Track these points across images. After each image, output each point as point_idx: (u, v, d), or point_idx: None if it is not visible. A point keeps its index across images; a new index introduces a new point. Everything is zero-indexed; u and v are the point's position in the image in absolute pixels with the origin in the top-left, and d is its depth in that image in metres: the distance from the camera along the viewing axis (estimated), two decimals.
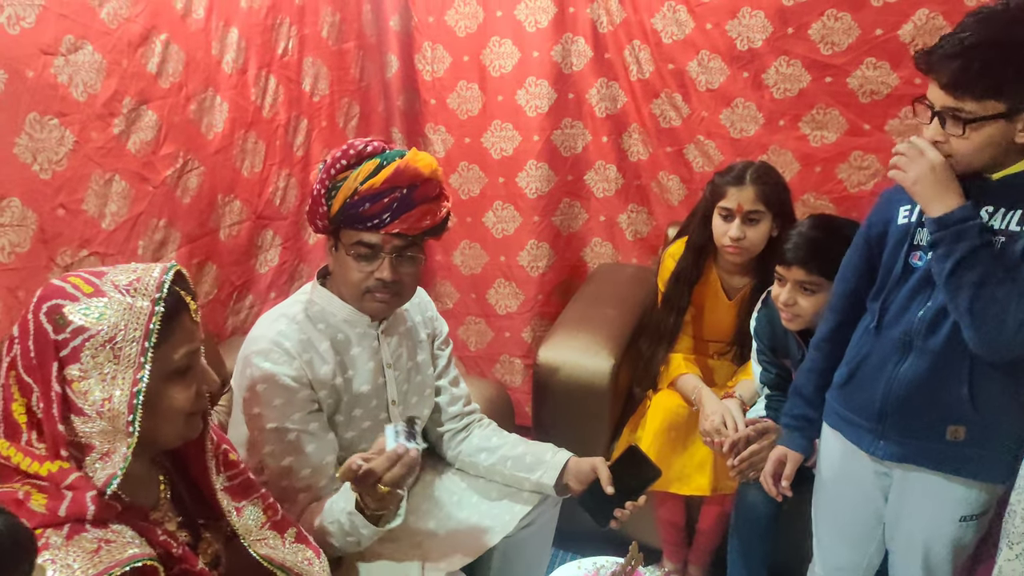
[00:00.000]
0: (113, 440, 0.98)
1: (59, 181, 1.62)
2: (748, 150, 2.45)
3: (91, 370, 0.96)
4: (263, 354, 1.49)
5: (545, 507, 1.73)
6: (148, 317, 0.98)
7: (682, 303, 2.08)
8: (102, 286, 0.99)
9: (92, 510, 0.95)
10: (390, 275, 1.48)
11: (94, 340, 0.96)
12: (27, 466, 0.95)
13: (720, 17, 2.36)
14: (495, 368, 2.98)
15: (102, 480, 0.97)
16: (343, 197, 1.44)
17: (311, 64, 2.41)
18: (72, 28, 1.61)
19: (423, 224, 1.47)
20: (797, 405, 1.64)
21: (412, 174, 1.43)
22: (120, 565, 0.93)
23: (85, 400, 0.97)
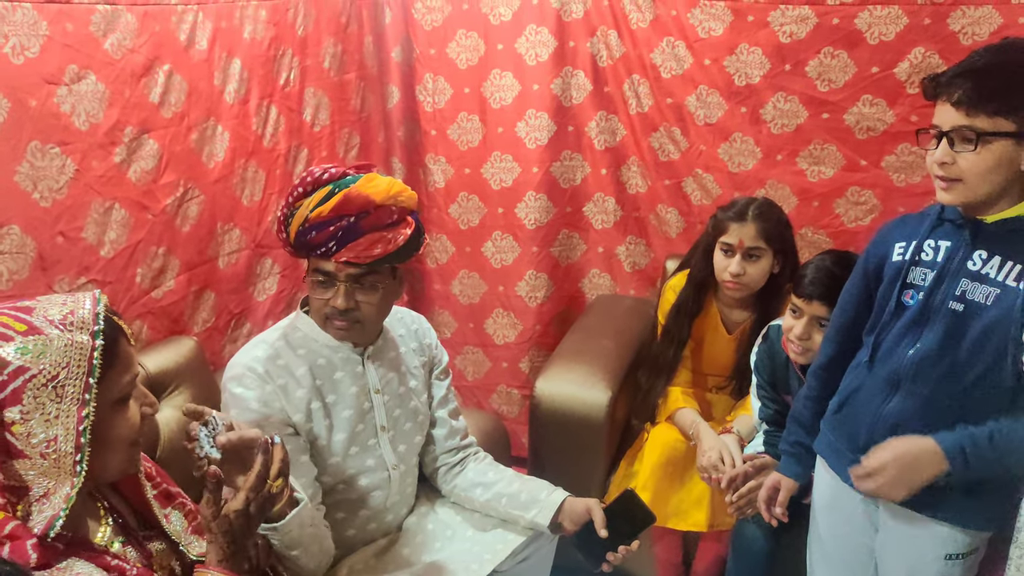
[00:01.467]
0: (56, 480, 0.94)
1: (59, 209, 1.62)
2: (746, 184, 2.47)
3: (33, 411, 0.92)
4: (237, 379, 1.50)
5: (541, 542, 1.71)
6: (90, 352, 0.95)
7: (682, 336, 2.08)
8: (35, 322, 0.95)
9: (34, 557, 0.90)
10: (343, 303, 1.47)
11: (35, 380, 0.92)
12: None
13: (718, 53, 2.38)
14: (492, 398, 2.97)
15: (43, 524, 0.92)
16: (296, 224, 1.43)
17: (312, 94, 2.43)
18: (76, 58, 1.62)
19: (373, 252, 1.43)
20: (794, 432, 1.63)
21: (362, 202, 1.41)
22: None
23: (27, 443, 0.92)
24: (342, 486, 1.58)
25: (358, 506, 1.61)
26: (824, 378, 1.58)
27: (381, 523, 1.66)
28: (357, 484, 1.59)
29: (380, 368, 1.63)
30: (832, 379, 1.55)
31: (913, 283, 1.39)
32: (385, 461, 1.62)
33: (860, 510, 1.50)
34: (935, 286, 1.35)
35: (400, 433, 1.66)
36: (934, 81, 1.30)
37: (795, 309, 1.73)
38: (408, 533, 1.70)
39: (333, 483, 1.57)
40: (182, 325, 2.01)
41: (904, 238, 1.42)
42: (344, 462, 1.57)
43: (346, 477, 1.57)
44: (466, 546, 1.66)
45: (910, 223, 1.45)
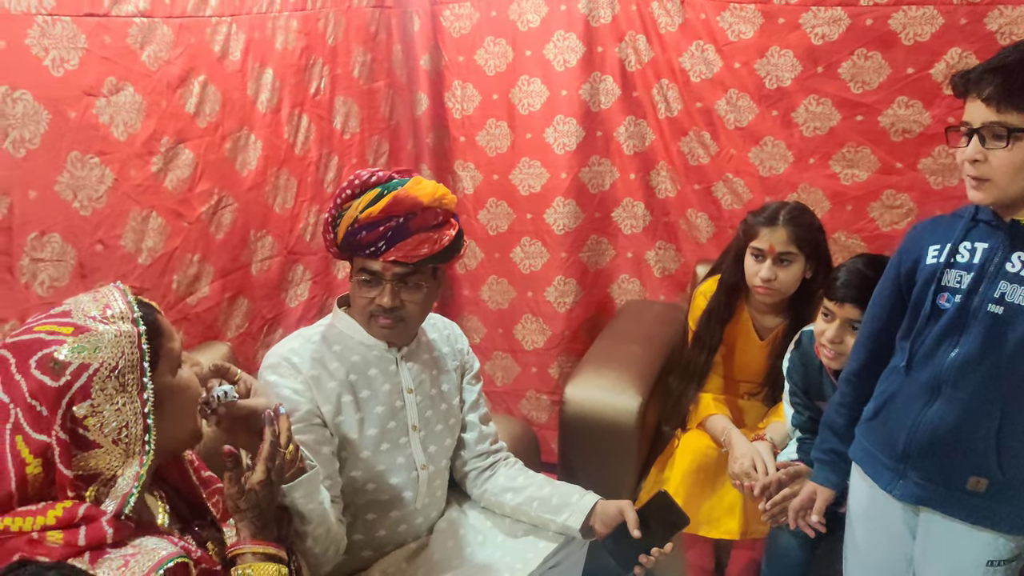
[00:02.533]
0: (123, 464, 0.99)
1: (98, 218, 1.66)
2: (777, 188, 2.44)
3: (103, 403, 0.97)
4: (272, 368, 1.54)
5: (572, 548, 1.70)
6: (138, 338, 1.00)
7: (713, 342, 2.06)
8: (79, 322, 0.99)
9: (111, 533, 0.95)
10: (390, 302, 1.51)
11: (99, 374, 0.97)
12: (31, 525, 0.93)
13: (749, 56, 2.37)
14: (521, 404, 2.97)
15: (117, 502, 0.97)
16: (345, 225, 1.48)
17: (342, 103, 2.45)
18: (114, 70, 1.66)
19: (421, 252, 1.48)
20: (828, 439, 1.61)
21: (410, 203, 1.46)
22: (154, 569, 0.93)
23: (100, 433, 0.97)
24: (372, 485, 1.59)
25: (388, 507, 1.62)
26: (857, 384, 1.56)
27: (411, 525, 1.67)
28: (387, 483, 1.60)
29: (414, 369, 1.65)
30: (865, 385, 1.53)
31: (948, 286, 1.36)
32: (414, 460, 1.63)
33: (899, 517, 1.47)
34: (973, 289, 1.33)
35: (431, 434, 1.67)
36: (964, 78, 1.28)
37: (827, 312, 1.71)
38: (439, 537, 1.70)
39: (364, 480, 1.58)
40: (216, 331, 2.04)
41: (938, 240, 1.40)
42: (375, 457, 1.59)
43: (376, 473, 1.59)
44: (497, 553, 1.66)
45: (943, 225, 1.43)
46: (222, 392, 1.16)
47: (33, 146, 1.51)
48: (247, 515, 1.15)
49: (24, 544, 0.92)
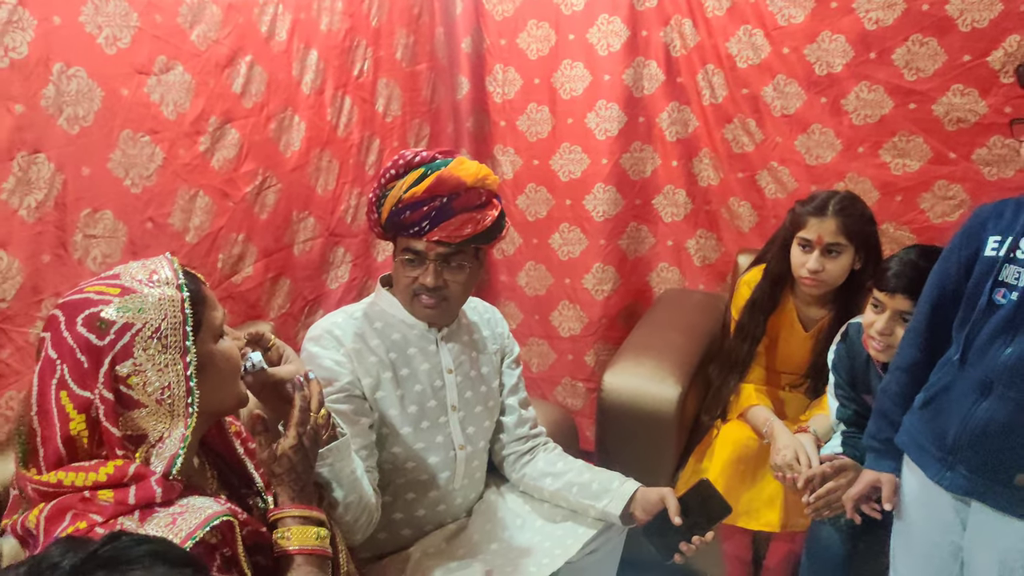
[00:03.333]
0: (169, 425, 1.01)
1: (148, 195, 1.68)
2: (824, 177, 2.40)
3: (145, 362, 0.99)
4: (314, 340, 1.56)
5: (610, 534, 1.70)
6: (181, 304, 1.02)
7: (756, 332, 2.04)
8: (128, 285, 1.01)
9: (159, 492, 0.97)
10: (432, 281, 1.52)
11: (142, 334, 0.99)
12: (83, 481, 0.96)
13: (798, 41, 2.32)
14: (556, 391, 2.96)
15: (164, 463, 0.99)
16: (389, 205, 1.49)
17: (385, 85, 2.45)
18: (165, 49, 1.67)
19: (464, 232, 1.49)
20: (884, 429, 1.57)
21: (454, 183, 1.47)
22: (201, 526, 0.95)
23: (143, 392, 0.99)
24: (411, 463, 1.60)
25: (427, 486, 1.63)
26: (911, 375, 1.52)
27: (450, 505, 1.67)
28: (425, 462, 1.61)
29: (454, 349, 1.66)
30: (918, 376, 1.50)
31: (1006, 282, 1.33)
32: (453, 440, 1.64)
33: (949, 508, 1.45)
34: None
35: (470, 415, 1.68)
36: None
37: (877, 304, 1.68)
38: (478, 519, 1.71)
39: (404, 458, 1.59)
40: (259, 310, 2.06)
41: (1000, 232, 1.36)
42: (415, 434, 1.60)
43: (415, 452, 1.60)
44: (536, 538, 1.66)
45: (1007, 215, 1.38)
46: (251, 361, 1.17)
47: (87, 123, 1.52)
48: (284, 480, 1.16)
49: (77, 501, 0.95)
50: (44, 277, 1.47)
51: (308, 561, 1.13)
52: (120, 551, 0.68)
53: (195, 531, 0.94)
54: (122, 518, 0.94)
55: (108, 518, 0.94)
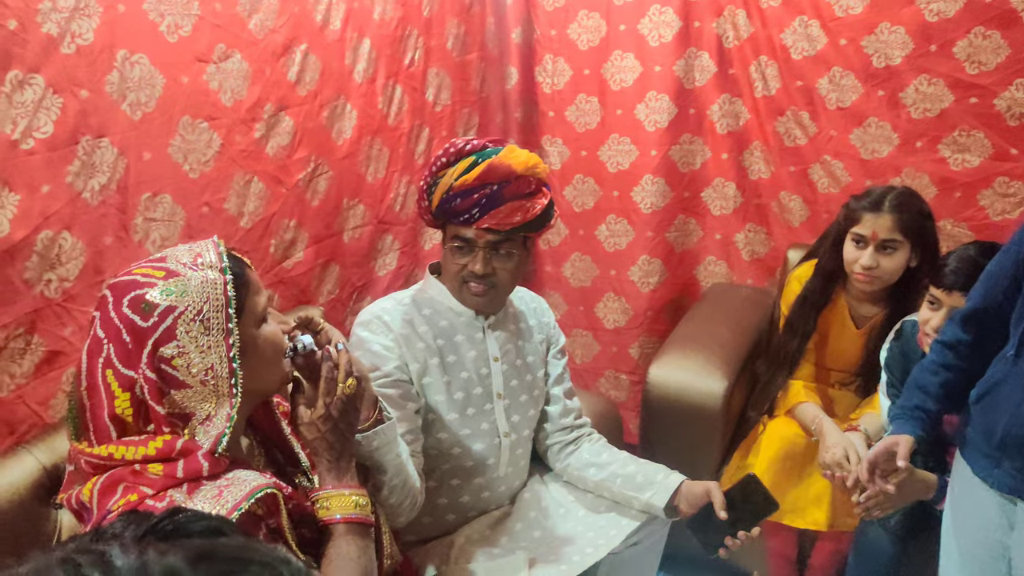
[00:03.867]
0: (215, 404, 1.03)
1: (205, 181, 1.71)
2: (880, 172, 2.35)
3: (188, 344, 1.01)
4: (364, 325, 1.59)
5: (654, 527, 1.70)
6: (223, 286, 1.04)
7: (806, 328, 2.01)
8: (172, 268, 1.04)
9: (206, 467, 0.99)
10: (482, 268, 1.53)
11: (184, 316, 1.00)
12: (132, 454, 0.99)
13: (856, 33, 2.27)
14: (600, 382, 2.96)
15: (211, 441, 1.01)
16: (440, 193, 1.50)
17: (435, 74, 2.47)
18: (224, 37, 1.70)
19: (513, 220, 1.50)
20: (913, 396, 1.53)
21: (504, 171, 1.47)
22: (246, 498, 0.98)
23: (188, 373, 1.01)
24: (457, 450, 1.62)
25: (472, 473, 1.65)
26: (954, 351, 1.49)
27: (494, 492, 1.69)
28: (470, 448, 1.63)
29: (500, 338, 1.67)
30: (961, 353, 1.47)
31: None
32: (498, 428, 1.65)
33: (995, 506, 1.41)
34: None
35: (515, 403, 1.69)
36: None
37: (933, 300, 1.64)
38: (521, 507, 1.72)
39: (449, 444, 1.61)
40: (309, 295, 2.09)
41: None
42: (460, 421, 1.61)
43: (460, 438, 1.61)
44: (579, 528, 1.66)
45: None
46: (301, 344, 1.19)
47: (148, 109, 1.56)
48: (317, 448, 1.18)
49: (128, 474, 0.98)
50: (106, 258, 1.52)
51: (350, 530, 1.15)
52: (180, 525, 0.70)
53: (240, 502, 0.97)
54: (171, 491, 0.97)
55: (158, 490, 0.97)
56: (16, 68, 1.31)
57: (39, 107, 1.35)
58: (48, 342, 1.42)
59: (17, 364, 1.38)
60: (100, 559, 0.48)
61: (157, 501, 0.96)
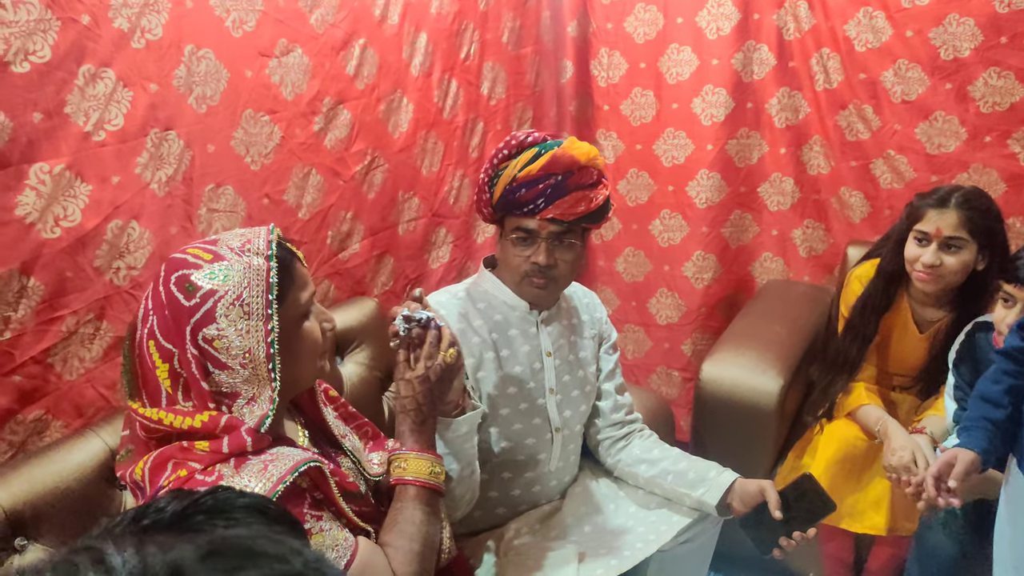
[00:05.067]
0: (257, 387, 1.05)
1: (266, 173, 1.75)
2: (946, 167, 2.28)
3: (227, 327, 1.02)
4: None
5: (705, 525, 1.68)
6: (267, 272, 1.05)
7: (868, 333, 1.94)
8: (220, 251, 1.06)
9: (250, 442, 1.02)
10: (545, 259, 1.53)
11: (224, 300, 1.02)
12: (180, 423, 1.02)
13: (923, 24, 2.21)
14: (651, 379, 2.94)
15: (255, 419, 1.04)
16: (503, 184, 1.50)
17: (490, 68, 2.47)
18: (286, 32, 1.73)
19: (577, 210, 1.50)
20: (979, 407, 1.48)
21: (568, 161, 1.47)
22: (291, 471, 1.01)
23: (228, 355, 1.03)
24: (508, 444, 1.62)
25: (523, 467, 1.65)
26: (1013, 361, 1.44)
27: (545, 487, 1.69)
28: (522, 443, 1.63)
29: (553, 333, 1.67)
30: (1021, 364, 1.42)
31: None
32: (550, 422, 1.65)
33: None
34: None
35: (567, 399, 1.69)
36: None
37: (1007, 298, 1.59)
38: (572, 502, 1.72)
39: (501, 438, 1.61)
40: (364, 287, 2.12)
41: None
42: (513, 415, 1.62)
43: (513, 432, 1.62)
44: (630, 523, 1.66)
45: None
46: (422, 316, 1.25)
47: (213, 103, 1.60)
48: (406, 407, 1.25)
49: (176, 451, 1.02)
50: (171, 247, 1.56)
51: (419, 495, 1.19)
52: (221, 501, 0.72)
53: (285, 476, 1.00)
54: (219, 465, 1.01)
55: (206, 465, 1.00)
56: (89, 62, 1.35)
57: (110, 100, 1.40)
58: (116, 328, 1.47)
59: (87, 349, 1.44)
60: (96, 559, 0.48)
61: (206, 476, 0.99)
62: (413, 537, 1.16)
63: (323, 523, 1.04)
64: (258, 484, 0.98)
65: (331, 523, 1.06)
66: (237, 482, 0.98)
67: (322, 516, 1.05)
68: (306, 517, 1.02)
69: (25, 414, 1.36)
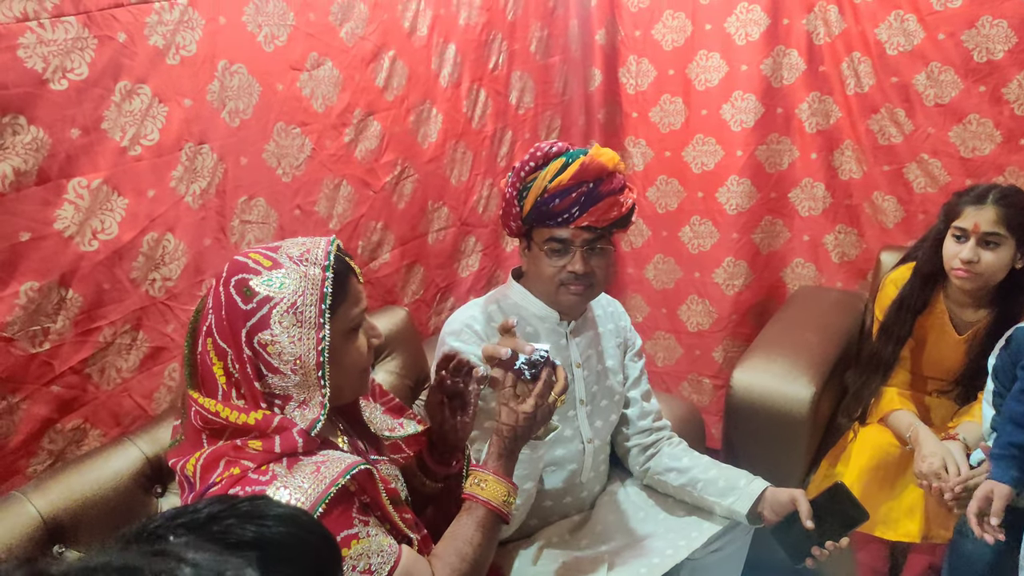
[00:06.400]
0: (308, 391, 1.08)
1: (297, 184, 1.78)
2: (981, 170, 2.24)
3: (280, 334, 1.05)
4: (455, 334, 1.59)
5: (736, 534, 1.67)
6: (322, 283, 1.07)
7: (902, 333, 1.92)
8: (279, 259, 1.08)
9: (301, 443, 1.04)
10: (582, 267, 1.53)
11: (279, 307, 1.05)
12: (235, 418, 1.04)
13: (955, 27, 2.18)
14: (682, 386, 2.92)
15: (307, 422, 1.06)
16: (534, 196, 1.50)
17: (518, 78, 2.49)
18: (316, 46, 1.77)
19: (611, 215, 1.51)
20: (1008, 432, 1.48)
21: (597, 168, 1.49)
22: (343, 474, 1.03)
23: (280, 360, 1.05)
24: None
25: (554, 478, 1.65)
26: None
27: (576, 497, 1.69)
28: (554, 454, 1.63)
29: (581, 344, 1.67)
30: None
31: None
32: (581, 434, 1.65)
33: None
34: None
35: (597, 409, 1.69)
36: None
37: None
38: (601, 511, 1.71)
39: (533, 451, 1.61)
40: (395, 296, 2.14)
41: None
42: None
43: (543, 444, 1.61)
44: (659, 530, 1.65)
45: None
46: (542, 353, 1.25)
47: (246, 116, 1.64)
48: (502, 434, 1.25)
49: (230, 450, 1.04)
50: (205, 259, 1.60)
51: (486, 519, 1.20)
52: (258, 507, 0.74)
53: (337, 478, 1.02)
54: (272, 464, 1.03)
55: (259, 464, 1.02)
56: (125, 78, 1.39)
57: (146, 115, 1.44)
58: (152, 338, 1.51)
59: (123, 359, 1.47)
60: None
61: (260, 475, 1.01)
62: (465, 557, 1.17)
63: (369, 528, 1.06)
64: (311, 485, 1.01)
65: (377, 528, 1.08)
66: (290, 481, 1.00)
67: (369, 521, 1.07)
68: (354, 521, 1.04)
69: (64, 423, 1.40)
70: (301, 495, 0.99)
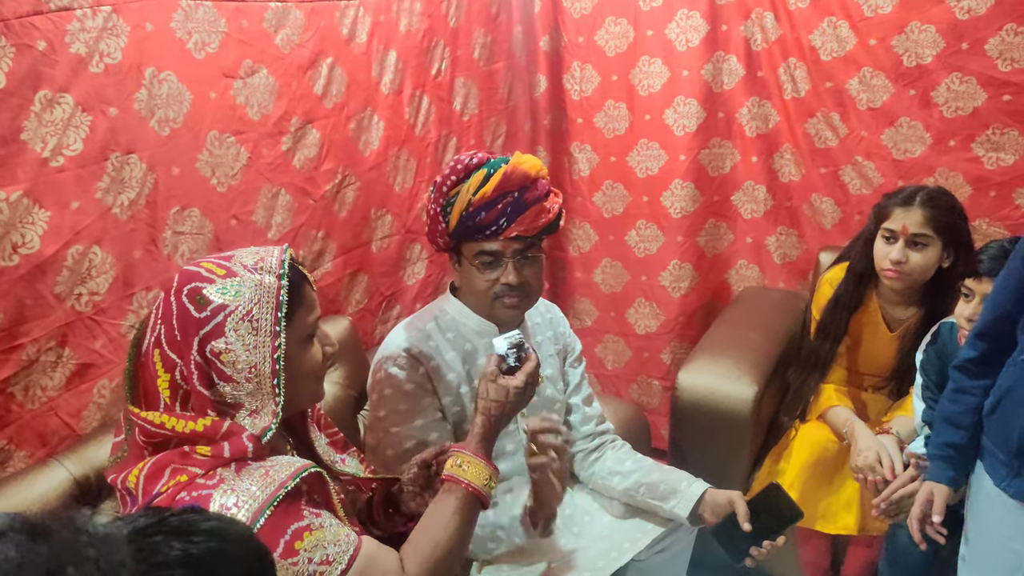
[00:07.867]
0: (261, 400, 1.07)
1: (233, 194, 1.75)
2: (912, 172, 2.30)
3: (235, 342, 1.04)
4: (391, 359, 1.55)
5: (680, 534, 1.69)
6: (277, 291, 1.07)
7: (838, 332, 1.96)
8: (233, 268, 1.08)
9: (251, 448, 1.04)
10: (516, 278, 1.52)
11: (234, 315, 1.04)
12: (181, 427, 1.03)
13: (886, 32, 2.24)
14: (631, 388, 2.94)
15: (258, 429, 1.06)
16: (459, 210, 1.48)
17: (462, 84, 2.48)
18: (250, 53, 1.74)
19: (539, 223, 1.50)
20: (942, 432, 1.51)
21: (520, 177, 1.47)
22: (292, 477, 1.03)
23: (234, 368, 1.05)
24: None
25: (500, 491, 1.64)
26: (975, 373, 1.46)
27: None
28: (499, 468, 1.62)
29: None
30: (981, 374, 1.44)
31: None
32: (523, 447, 1.64)
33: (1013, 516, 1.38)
34: None
35: None
36: None
37: (967, 292, 1.62)
38: None
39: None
40: (338, 305, 2.12)
41: None
42: None
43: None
44: (604, 533, 1.66)
45: None
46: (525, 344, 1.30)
47: (176, 125, 1.60)
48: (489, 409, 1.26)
49: (176, 457, 1.03)
50: (136, 272, 1.56)
51: (466, 502, 1.19)
52: (186, 521, 0.72)
53: (287, 481, 1.02)
54: (220, 469, 1.02)
55: (207, 469, 1.01)
56: (46, 88, 1.35)
57: (68, 125, 1.40)
58: (79, 355, 1.47)
59: (48, 377, 1.43)
60: None
61: (207, 480, 1.00)
62: (439, 544, 1.14)
63: (322, 519, 1.05)
64: (259, 488, 1.00)
65: (331, 519, 1.07)
66: (238, 485, 1.00)
67: (321, 513, 1.06)
68: (303, 513, 1.03)
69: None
70: (248, 499, 0.99)
